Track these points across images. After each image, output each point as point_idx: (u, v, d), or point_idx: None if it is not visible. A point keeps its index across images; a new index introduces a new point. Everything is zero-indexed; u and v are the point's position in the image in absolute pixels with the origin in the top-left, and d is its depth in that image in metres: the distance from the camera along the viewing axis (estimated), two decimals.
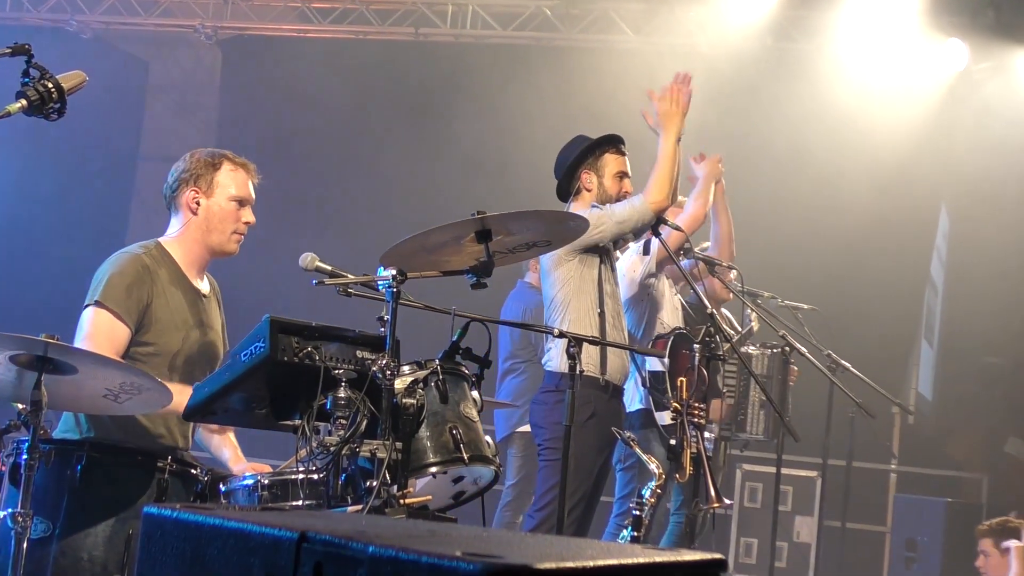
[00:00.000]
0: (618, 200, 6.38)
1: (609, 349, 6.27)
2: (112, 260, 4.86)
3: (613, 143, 6.52)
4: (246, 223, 5.04)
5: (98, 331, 4.59)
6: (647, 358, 6.89)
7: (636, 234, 6.52)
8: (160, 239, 5.04)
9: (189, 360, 4.90)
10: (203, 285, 5.10)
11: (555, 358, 6.24)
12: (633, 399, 7.07)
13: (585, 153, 6.47)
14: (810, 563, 10.93)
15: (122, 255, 4.88)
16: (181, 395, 4.46)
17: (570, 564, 2.06)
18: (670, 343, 6.78)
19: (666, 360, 6.77)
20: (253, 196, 5.09)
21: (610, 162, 6.46)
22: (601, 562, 2.16)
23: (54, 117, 3.46)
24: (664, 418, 6.87)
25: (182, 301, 4.93)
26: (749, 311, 8.03)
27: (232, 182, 5.01)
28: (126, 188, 12.79)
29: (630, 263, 7.18)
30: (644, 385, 6.85)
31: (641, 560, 2.28)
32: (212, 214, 4.97)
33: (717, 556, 2.49)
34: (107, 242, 5.24)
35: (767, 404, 8.02)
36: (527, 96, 12.22)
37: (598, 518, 6.73)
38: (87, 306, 4.74)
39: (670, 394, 6.81)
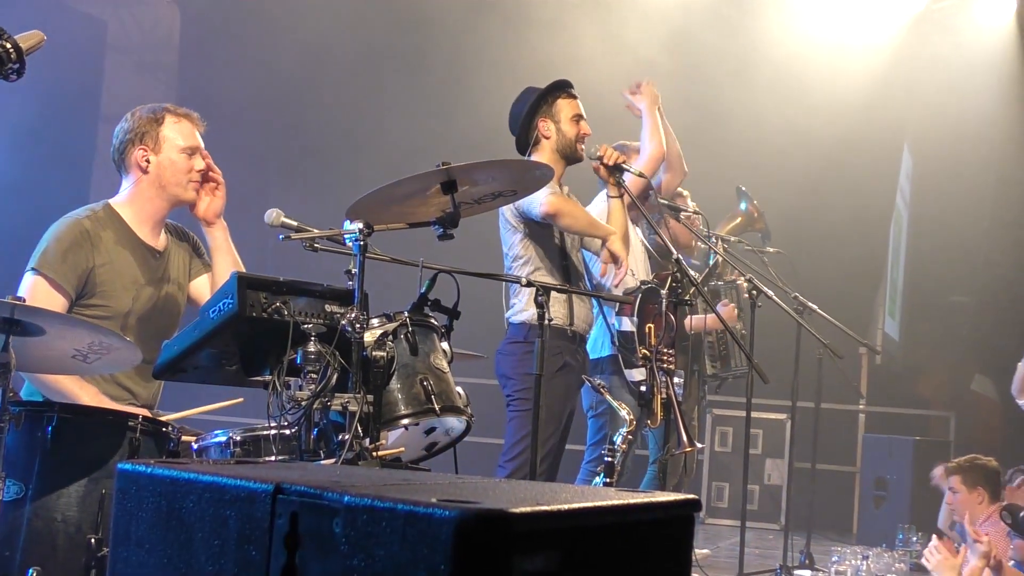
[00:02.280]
0: (577, 141, 6.38)
1: (575, 299, 6.29)
2: (53, 226, 4.85)
3: (563, 88, 6.52)
4: (199, 171, 5.03)
5: (34, 298, 4.56)
6: (618, 315, 6.91)
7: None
8: (110, 200, 5.02)
9: (143, 319, 4.90)
10: (158, 241, 5.07)
11: (521, 309, 6.25)
12: (603, 344, 7.10)
13: (538, 102, 6.46)
14: (781, 505, 11.05)
15: (63, 220, 4.87)
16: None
17: (545, 508, 2.08)
18: (638, 301, 6.81)
19: (635, 319, 6.79)
20: (202, 143, 5.08)
21: (564, 107, 6.46)
22: (576, 505, 2.17)
23: (13, 78, 3.41)
24: (634, 375, 6.89)
25: (131, 260, 4.91)
26: (714, 253, 8.06)
27: (178, 134, 5.00)
28: (87, 149, 12.68)
29: (597, 212, 7.19)
30: (614, 343, 6.87)
31: (615, 503, 2.30)
32: (164, 169, 4.96)
33: (691, 497, 2.51)
34: (69, 204, 5.18)
35: (744, 338, 8.09)
36: (487, 48, 12.20)
37: (567, 465, 6.77)
38: (26, 271, 4.74)
39: (637, 354, 6.85)
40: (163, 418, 4.53)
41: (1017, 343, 8.18)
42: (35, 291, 4.66)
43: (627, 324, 6.80)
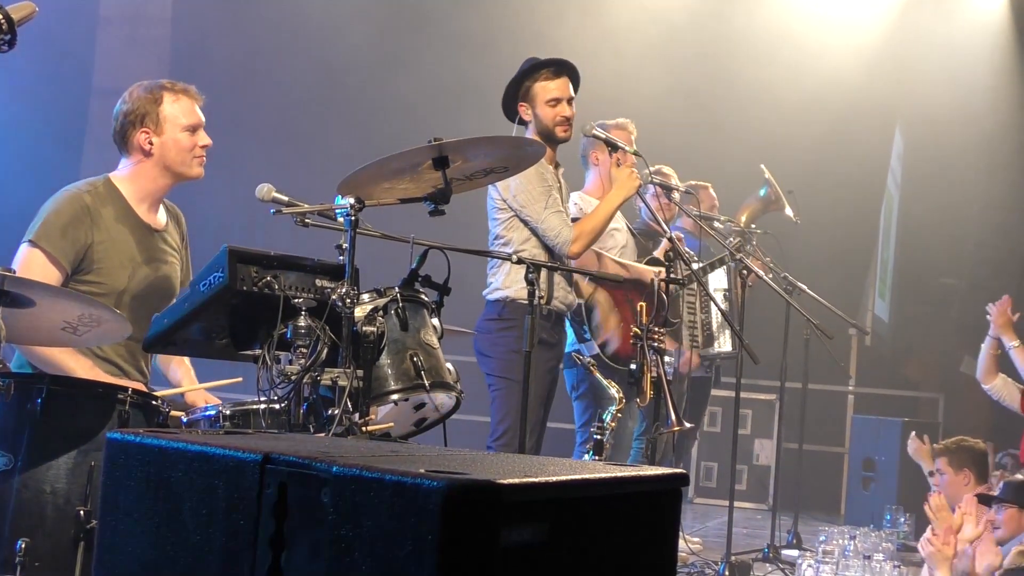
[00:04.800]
0: (555, 125, 6.34)
1: (554, 278, 6.29)
2: (53, 198, 4.82)
3: (545, 68, 6.43)
4: (203, 146, 5.00)
5: (30, 271, 4.55)
6: None
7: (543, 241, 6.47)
8: (111, 175, 4.98)
9: (138, 297, 4.88)
10: (157, 219, 5.05)
11: (500, 287, 6.27)
12: None
13: (517, 83, 6.42)
14: (770, 485, 11.06)
15: (63, 193, 4.84)
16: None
17: (533, 479, 2.08)
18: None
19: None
20: (203, 118, 5.03)
21: (540, 91, 6.36)
22: (564, 477, 2.18)
23: (5, 49, 3.40)
24: (583, 350, 6.91)
25: (129, 238, 4.89)
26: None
27: (179, 112, 4.95)
28: (79, 122, 12.65)
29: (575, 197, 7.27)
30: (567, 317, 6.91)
31: (604, 475, 2.31)
32: (168, 149, 4.92)
33: (679, 471, 2.52)
34: (61, 177, 5.17)
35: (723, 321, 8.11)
36: (488, 23, 12.18)
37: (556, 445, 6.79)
38: (23, 243, 4.72)
39: (585, 326, 6.87)
40: (158, 393, 4.53)
41: None
42: (31, 264, 4.65)
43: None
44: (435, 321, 4.52)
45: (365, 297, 4.26)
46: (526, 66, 6.44)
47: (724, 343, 8.47)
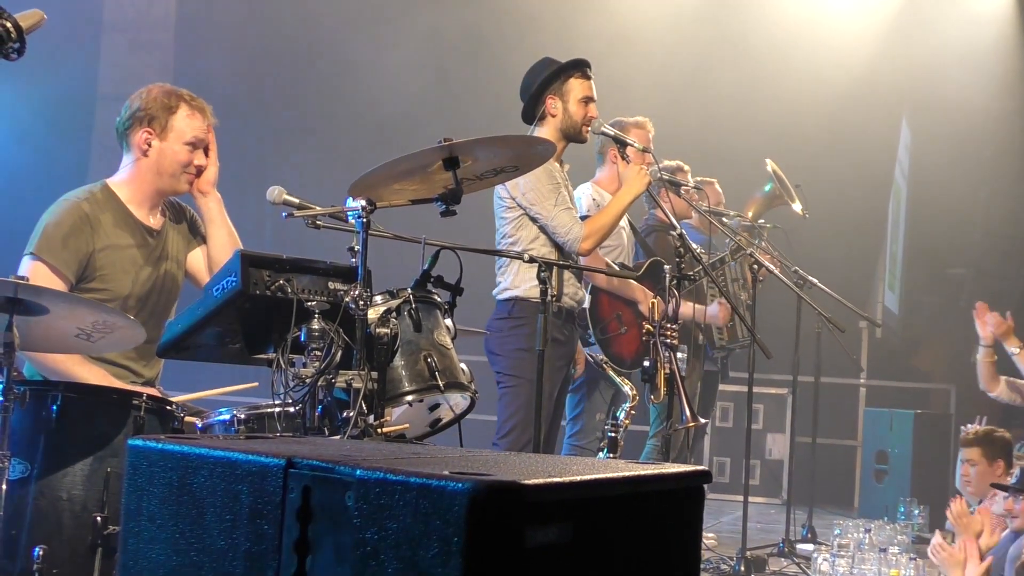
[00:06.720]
0: (583, 124, 6.38)
1: (564, 276, 6.30)
2: (51, 209, 4.79)
3: (579, 67, 6.49)
4: (197, 165, 4.98)
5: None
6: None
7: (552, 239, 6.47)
8: (109, 180, 4.96)
9: (142, 299, 4.87)
10: (155, 221, 5.03)
11: (509, 286, 6.27)
12: None
13: (551, 78, 6.44)
14: (783, 479, 11.06)
15: (61, 203, 4.81)
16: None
17: (558, 479, 2.08)
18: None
19: (587, 296, 6.89)
20: (206, 138, 5.02)
21: (575, 87, 6.43)
22: (588, 476, 2.17)
23: (14, 57, 3.39)
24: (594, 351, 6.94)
25: (130, 242, 4.87)
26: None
27: (188, 127, 4.92)
28: (85, 129, 12.66)
29: (585, 196, 7.26)
30: None
31: (627, 474, 2.30)
32: (164, 157, 4.90)
33: (702, 468, 2.51)
34: (68, 184, 5.13)
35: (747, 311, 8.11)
36: (493, 19, 12.19)
37: None
38: (25, 256, 4.70)
39: (591, 330, 6.88)
40: (173, 399, 4.52)
41: (1017, 314, 8.17)
42: (35, 277, 4.61)
43: (585, 302, 6.89)
44: (448, 321, 4.51)
45: (378, 299, 4.25)
46: (555, 65, 6.45)
47: (741, 331, 8.47)
